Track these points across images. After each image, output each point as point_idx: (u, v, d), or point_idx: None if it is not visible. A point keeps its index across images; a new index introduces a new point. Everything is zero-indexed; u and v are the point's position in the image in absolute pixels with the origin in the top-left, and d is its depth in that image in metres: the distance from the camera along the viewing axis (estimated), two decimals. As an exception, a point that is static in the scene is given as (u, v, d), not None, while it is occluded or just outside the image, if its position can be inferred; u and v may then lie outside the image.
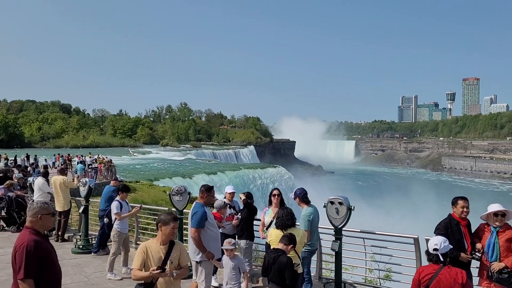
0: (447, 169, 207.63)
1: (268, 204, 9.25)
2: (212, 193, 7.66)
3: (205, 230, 7.31)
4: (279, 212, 7.34)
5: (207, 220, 7.35)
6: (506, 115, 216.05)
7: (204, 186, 7.70)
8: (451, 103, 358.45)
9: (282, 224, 7.04)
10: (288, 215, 7.13)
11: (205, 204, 7.48)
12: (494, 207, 6.99)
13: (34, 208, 4.56)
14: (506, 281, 6.69)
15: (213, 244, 7.42)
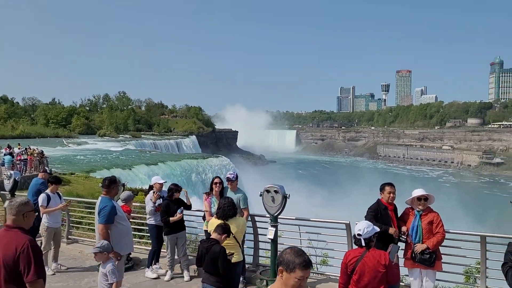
0: (382, 157, 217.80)
1: (210, 191, 9.23)
2: (117, 185, 7.35)
3: (115, 225, 7.03)
4: (221, 202, 7.29)
5: (117, 215, 7.07)
6: (435, 106, 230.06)
7: (108, 179, 7.38)
8: (385, 94, 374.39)
9: (223, 214, 7.01)
10: (229, 205, 7.10)
11: (111, 197, 7.19)
12: (417, 192, 7.42)
13: (16, 206, 4.23)
14: (428, 261, 7.15)
15: (125, 239, 7.19)
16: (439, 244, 7.24)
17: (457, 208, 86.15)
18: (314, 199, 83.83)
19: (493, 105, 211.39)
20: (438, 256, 7.29)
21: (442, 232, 7.24)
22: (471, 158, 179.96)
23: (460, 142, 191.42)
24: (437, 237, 7.17)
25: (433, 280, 7.37)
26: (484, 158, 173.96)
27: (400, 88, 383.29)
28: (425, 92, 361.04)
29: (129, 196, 9.29)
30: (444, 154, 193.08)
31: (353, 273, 5.21)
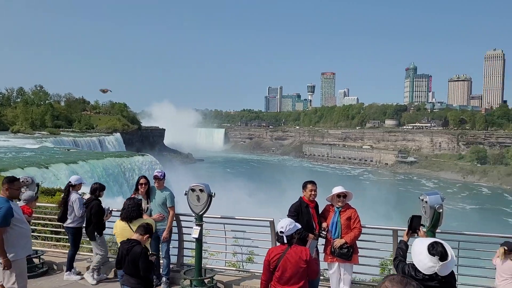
0: (307, 156, 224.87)
1: (134, 191, 9.00)
2: (16, 185, 6.84)
3: (11, 228, 6.57)
4: (125, 203, 7.08)
5: (14, 217, 6.61)
6: (356, 107, 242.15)
7: (6, 178, 6.92)
8: (311, 94, 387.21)
9: (127, 215, 6.80)
10: (134, 206, 6.91)
11: (9, 198, 6.70)
12: (337, 189, 7.76)
13: None
14: (346, 255, 7.54)
15: (21, 242, 6.75)
16: (356, 238, 7.65)
17: (374, 204, 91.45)
18: (242, 197, 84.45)
19: (408, 108, 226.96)
20: (355, 250, 7.70)
21: (359, 227, 7.65)
22: (388, 157, 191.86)
23: (378, 142, 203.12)
24: (354, 232, 7.57)
25: (350, 273, 7.76)
26: (399, 157, 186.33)
27: (324, 89, 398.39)
28: (347, 94, 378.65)
29: (31, 196, 8.65)
30: (364, 153, 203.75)
31: (276, 269, 5.34)
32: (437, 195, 7.11)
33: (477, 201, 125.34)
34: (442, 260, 3.91)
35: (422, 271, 4.00)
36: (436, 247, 3.96)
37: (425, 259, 3.96)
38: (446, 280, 4.00)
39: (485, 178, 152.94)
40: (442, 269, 3.94)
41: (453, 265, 4.08)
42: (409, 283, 2.70)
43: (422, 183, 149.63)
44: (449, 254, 3.99)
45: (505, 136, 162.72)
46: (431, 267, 3.94)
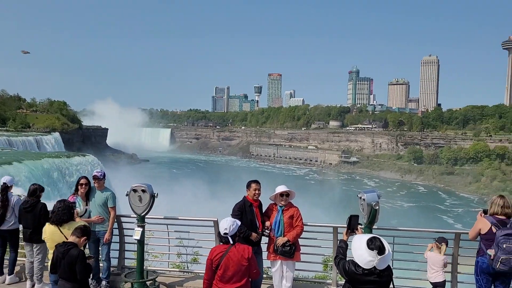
0: (255, 156, 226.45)
1: (74, 192, 8.66)
2: None
3: None
4: (55, 206, 6.79)
5: None
6: (302, 108, 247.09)
7: None
8: (258, 95, 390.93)
9: (57, 219, 6.54)
10: (64, 208, 6.67)
11: None
12: (280, 188, 7.89)
13: None
14: (288, 253, 7.69)
15: None
16: (298, 236, 7.82)
17: (318, 202, 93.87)
18: (187, 197, 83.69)
19: (351, 110, 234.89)
20: (297, 247, 7.88)
21: (301, 225, 7.83)
22: (332, 157, 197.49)
23: (323, 143, 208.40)
24: (297, 230, 7.74)
25: (292, 270, 7.93)
26: (343, 157, 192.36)
27: (271, 90, 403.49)
28: (294, 95, 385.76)
29: None
30: (309, 154, 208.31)
31: (218, 268, 5.36)
32: (373, 193, 7.44)
33: (414, 199, 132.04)
34: (380, 254, 4.10)
35: (361, 266, 4.18)
36: (374, 242, 4.16)
37: (365, 253, 4.15)
38: (384, 273, 4.21)
39: (421, 177, 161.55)
40: (380, 262, 4.13)
41: (390, 259, 4.27)
42: None
43: (364, 182, 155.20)
44: (386, 248, 4.19)
45: (439, 137, 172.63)
46: (370, 261, 4.12)
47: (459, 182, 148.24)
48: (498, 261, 6.36)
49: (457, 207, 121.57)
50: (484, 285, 6.85)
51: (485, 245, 6.72)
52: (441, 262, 7.80)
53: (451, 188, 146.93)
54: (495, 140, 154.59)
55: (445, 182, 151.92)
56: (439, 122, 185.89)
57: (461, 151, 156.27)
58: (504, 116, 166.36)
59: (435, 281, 7.83)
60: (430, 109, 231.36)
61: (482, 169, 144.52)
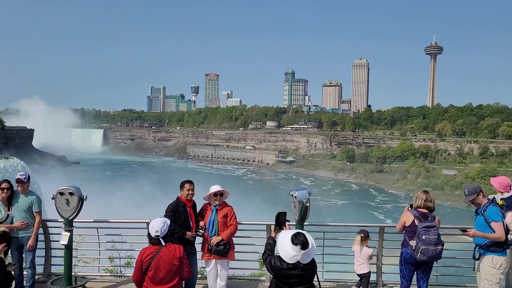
0: (192, 157, 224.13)
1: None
2: None
3: None
4: None
5: None
6: (239, 109, 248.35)
7: None
8: (195, 95, 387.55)
9: None
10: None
11: None
12: (214, 188, 7.93)
13: None
14: (222, 252, 7.74)
15: None
16: (232, 235, 7.90)
17: (256, 201, 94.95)
18: (121, 200, 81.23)
19: (287, 110, 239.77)
20: (232, 246, 7.95)
21: (235, 224, 7.91)
22: (269, 157, 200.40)
23: (260, 143, 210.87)
24: (231, 229, 7.82)
25: (227, 269, 8.00)
26: (279, 157, 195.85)
27: (208, 90, 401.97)
28: (231, 96, 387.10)
29: None
30: (247, 154, 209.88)
31: (148, 269, 5.29)
32: (304, 190, 7.70)
33: (348, 197, 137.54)
34: (304, 248, 4.23)
35: (286, 261, 4.30)
36: (298, 237, 4.29)
37: (289, 249, 4.27)
38: (308, 267, 4.36)
39: (354, 175, 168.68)
40: (303, 257, 4.27)
41: (314, 253, 4.41)
42: None
43: (300, 181, 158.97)
44: (310, 243, 4.32)
45: (369, 137, 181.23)
46: (294, 256, 4.25)
47: (388, 180, 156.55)
48: (418, 251, 6.84)
49: (386, 203, 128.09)
50: (407, 274, 7.32)
51: (409, 237, 7.17)
52: (367, 255, 8.25)
53: (380, 185, 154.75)
54: (419, 139, 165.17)
55: (375, 180, 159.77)
56: (370, 122, 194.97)
57: (389, 150, 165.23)
58: (427, 117, 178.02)
59: (361, 272, 8.26)
60: (361, 110, 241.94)
61: (408, 167, 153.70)
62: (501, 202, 6.96)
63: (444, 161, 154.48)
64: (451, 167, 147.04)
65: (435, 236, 6.83)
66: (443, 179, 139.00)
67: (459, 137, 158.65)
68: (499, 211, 6.87)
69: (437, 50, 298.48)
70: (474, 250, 7.22)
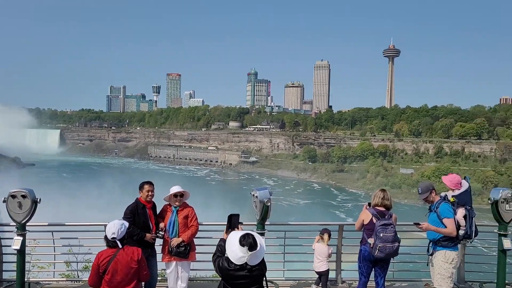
0: (153, 158, 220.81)
1: None
2: None
3: None
4: None
5: None
6: (202, 109, 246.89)
7: None
8: (156, 95, 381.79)
9: None
10: None
11: None
12: (174, 189, 7.84)
13: None
14: (183, 253, 7.67)
15: None
16: (193, 236, 7.84)
17: (219, 202, 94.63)
18: (81, 202, 78.95)
19: (250, 111, 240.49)
20: (193, 247, 7.89)
21: (196, 225, 7.86)
22: (232, 157, 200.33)
23: (223, 143, 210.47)
24: (191, 230, 7.76)
25: (187, 271, 7.93)
26: (242, 157, 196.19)
27: (170, 90, 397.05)
28: (193, 96, 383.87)
29: None
30: (209, 154, 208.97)
31: (105, 273, 5.17)
32: (265, 190, 7.76)
33: (310, 196, 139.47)
34: (251, 250, 4.21)
35: (234, 262, 4.27)
36: (246, 238, 4.26)
37: (237, 250, 4.24)
38: (256, 268, 4.33)
39: (315, 175, 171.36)
40: (251, 258, 4.24)
41: (262, 255, 4.40)
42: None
43: (263, 181, 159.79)
44: (259, 244, 4.29)
45: (330, 137, 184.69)
46: (242, 257, 4.23)
47: (349, 179, 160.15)
48: (376, 249, 7.03)
49: (347, 202, 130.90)
50: (365, 271, 7.52)
51: (367, 234, 7.36)
52: (326, 253, 8.39)
53: (341, 184, 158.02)
54: (378, 139, 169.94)
55: (336, 179, 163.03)
56: (331, 123, 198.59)
57: (350, 150, 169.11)
58: (385, 118, 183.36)
59: (320, 270, 8.40)
60: (323, 111, 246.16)
61: (368, 166, 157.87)
62: (453, 199, 7.28)
63: (401, 160, 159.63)
64: (408, 166, 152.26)
65: (392, 234, 7.05)
66: (401, 178, 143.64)
67: (416, 137, 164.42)
68: (451, 207, 7.17)
69: (394, 53, 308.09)
70: (428, 246, 7.51)
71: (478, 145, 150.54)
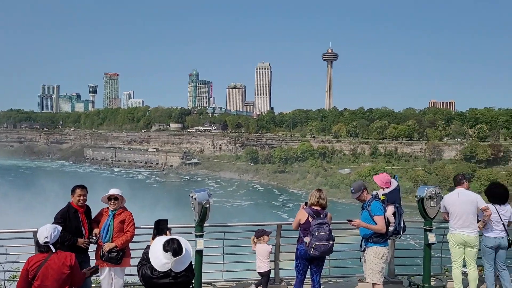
0: (90, 160, 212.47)
1: None
2: None
3: None
4: None
5: None
6: (142, 110, 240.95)
7: None
8: (93, 95, 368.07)
9: None
10: None
11: None
12: (110, 191, 7.61)
13: None
14: (115, 259, 7.44)
15: None
16: (128, 242, 7.62)
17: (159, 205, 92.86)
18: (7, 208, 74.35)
19: (191, 112, 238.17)
20: (127, 253, 7.67)
21: (132, 231, 7.65)
22: (174, 159, 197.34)
23: (164, 145, 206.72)
24: (126, 236, 7.54)
25: (121, 277, 7.70)
26: (184, 159, 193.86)
27: (108, 90, 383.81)
28: (132, 96, 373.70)
29: None
30: (150, 156, 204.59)
31: (35, 278, 4.94)
32: (204, 192, 7.74)
33: (252, 197, 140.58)
34: (175, 255, 4.01)
35: (157, 269, 4.07)
36: (171, 244, 4.06)
37: (160, 256, 4.05)
38: (182, 275, 4.13)
39: (258, 176, 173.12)
40: (175, 264, 4.05)
41: (189, 260, 4.22)
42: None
43: (206, 183, 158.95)
44: (184, 250, 4.09)
45: (272, 138, 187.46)
46: (165, 263, 4.04)
47: (290, 179, 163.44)
48: (312, 247, 7.25)
49: (288, 202, 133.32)
50: (302, 269, 7.72)
51: (303, 233, 7.55)
52: (267, 253, 8.51)
53: (283, 185, 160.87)
54: (318, 140, 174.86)
55: (278, 180, 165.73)
56: (272, 124, 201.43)
57: (291, 151, 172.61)
58: (324, 120, 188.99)
59: (261, 271, 8.50)
60: (264, 113, 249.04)
61: (308, 167, 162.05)
62: (383, 197, 7.68)
63: (340, 160, 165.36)
64: (346, 166, 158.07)
65: (327, 232, 7.30)
66: (339, 178, 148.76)
67: (353, 138, 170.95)
68: (381, 205, 7.56)
69: (333, 57, 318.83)
70: (360, 243, 7.86)
71: (410, 145, 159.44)
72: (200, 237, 8.07)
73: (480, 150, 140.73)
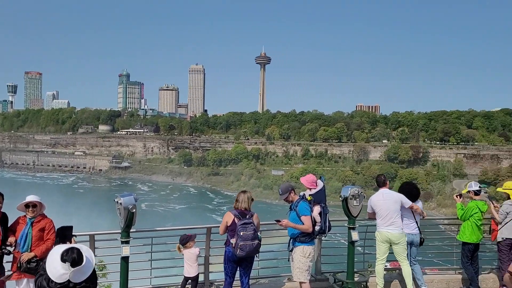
0: (9, 165, 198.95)
1: None
2: None
3: None
4: None
5: None
6: (67, 111, 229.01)
7: None
8: (12, 95, 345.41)
9: None
10: None
11: None
12: (29, 198, 7.14)
13: None
14: (34, 270, 6.93)
15: None
16: (49, 250, 7.07)
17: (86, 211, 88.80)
18: None
19: (122, 114, 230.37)
20: (49, 262, 7.24)
21: (52, 238, 7.21)
22: (102, 163, 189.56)
23: (92, 148, 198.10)
24: (47, 244, 7.10)
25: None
26: (113, 163, 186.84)
27: (29, 90, 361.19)
28: (57, 97, 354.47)
29: None
30: (76, 160, 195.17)
31: None
32: (130, 196, 7.53)
33: (186, 201, 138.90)
34: (74, 266, 3.74)
35: (54, 280, 3.75)
36: (70, 253, 3.78)
37: (58, 266, 3.75)
38: (82, 286, 3.84)
39: (191, 179, 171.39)
40: (75, 275, 3.77)
41: (90, 270, 3.93)
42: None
43: (138, 187, 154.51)
44: (84, 259, 3.83)
45: (206, 141, 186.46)
46: (63, 274, 3.74)
47: (224, 182, 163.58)
48: (238, 248, 7.32)
49: (223, 205, 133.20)
50: (230, 271, 7.77)
51: (231, 235, 7.60)
52: (195, 256, 8.43)
53: (217, 187, 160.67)
54: (251, 143, 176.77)
55: (212, 182, 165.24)
56: (206, 126, 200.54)
57: (225, 153, 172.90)
58: (258, 122, 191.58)
59: (189, 275, 8.41)
60: (198, 115, 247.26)
61: (242, 169, 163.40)
62: (310, 198, 7.93)
63: (273, 162, 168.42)
64: (279, 168, 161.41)
65: (252, 232, 7.41)
66: (272, 179, 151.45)
67: (285, 140, 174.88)
68: (308, 206, 7.81)
69: (266, 60, 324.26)
70: (288, 243, 8.05)
71: (339, 147, 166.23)
72: (126, 243, 7.81)
73: (402, 151, 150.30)
